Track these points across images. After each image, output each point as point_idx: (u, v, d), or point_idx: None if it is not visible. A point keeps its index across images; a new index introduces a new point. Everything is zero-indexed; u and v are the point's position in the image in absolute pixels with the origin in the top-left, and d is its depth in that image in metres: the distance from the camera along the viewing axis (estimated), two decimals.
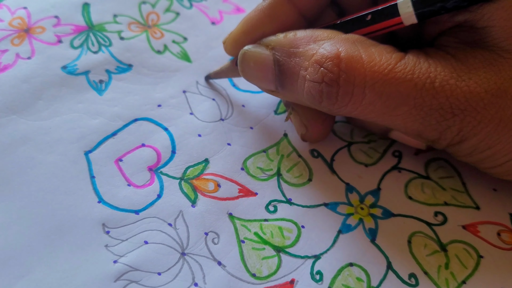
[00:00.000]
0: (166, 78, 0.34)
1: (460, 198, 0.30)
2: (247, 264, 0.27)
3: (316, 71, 0.26)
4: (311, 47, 0.27)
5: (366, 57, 0.26)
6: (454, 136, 0.26)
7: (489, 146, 0.26)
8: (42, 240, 0.27)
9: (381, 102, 0.25)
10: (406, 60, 0.26)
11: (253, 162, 0.31)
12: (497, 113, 0.25)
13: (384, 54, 0.26)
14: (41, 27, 0.35)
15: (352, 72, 0.25)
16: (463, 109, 0.25)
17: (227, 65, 0.33)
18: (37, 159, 0.29)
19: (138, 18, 0.37)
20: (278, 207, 0.30)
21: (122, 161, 0.30)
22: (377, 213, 0.30)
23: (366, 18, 0.28)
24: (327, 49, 0.26)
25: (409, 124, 0.26)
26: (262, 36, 0.30)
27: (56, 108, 0.32)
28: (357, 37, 0.27)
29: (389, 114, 0.26)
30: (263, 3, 0.30)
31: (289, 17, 0.30)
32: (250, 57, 0.29)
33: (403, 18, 0.26)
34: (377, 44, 0.27)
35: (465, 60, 0.25)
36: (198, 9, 0.39)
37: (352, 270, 0.27)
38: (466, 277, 0.28)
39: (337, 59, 0.26)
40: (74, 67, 0.33)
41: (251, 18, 0.30)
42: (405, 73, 0.25)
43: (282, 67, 0.28)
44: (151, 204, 0.29)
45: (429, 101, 0.25)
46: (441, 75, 0.25)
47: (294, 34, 0.28)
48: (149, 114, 0.33)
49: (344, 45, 0.26)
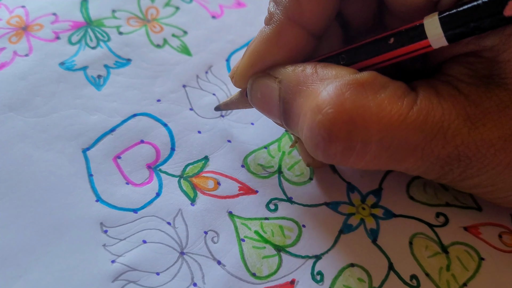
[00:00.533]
0: (165, 72, 0.34)
1: (462, 199, 0.30)
2: (247, 263, 0.27)
3: (314, 118, 0.23)
4: (315, 87, 0.24)
5: (375, 106, 0.23)
6: (456, 176, 0.25)
7: (491, 184, 0.25)
8: (40, 240, 0.27)
9: (387, 155, 0.23)
10: (419, 105, 0.23)
11: (253, 159, 0.31)
12: (506, 157, 0.23)
13: (395, 101, 0.23)
14: (39, 24, 0.35)
15: (358, 125, 0.23)
16: (471, 155, 0.23)
17: (236, 96, 0.30)
18: (35, 157, 0.29)
19: (137, 13, 0.37)
20: (279, 205, 0.29)
21: (121, 158, 0.30)
22: (379, 214, 0.29)
23: (389, 41, 0.24)
24: (330, 93, 0.23)
25: (411, 171, 0.25)
26: (272, 65, 0.27)
27: (54, 105, 0.31)
28: (366, 76, 0.24)
29: (393, 165, 0.24)
30: (268, 30, 0.27)
31: (297, 40, 0.27)
32: (258, 87, 0.27)
33: (431, 41, 0.23)
34: (388, 84, 0.24)
35: (479, 103, 0.23)
36: (198, 3, 0.38)
37: (353, 271, 0.27)
38: (467, 279, 0.27)
39: (340, 106, 0.23)
40: (72, 63, 0.33)
41: (258, 48, 0.27)
42: (418, 124, 0.23)
43: (286, 105, 0.25)
44: (149, 202, 0.29)
45: (437, 151, 0.23)
46: (454, 124, 0.23)
47: (303, 69, 0.25)
48: (148, 109, 0.32)
49: (350, 89, 0.23)
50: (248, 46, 0.27)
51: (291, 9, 0.26)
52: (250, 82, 0.28)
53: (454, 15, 0.22)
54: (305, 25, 0.26)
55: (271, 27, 0.26)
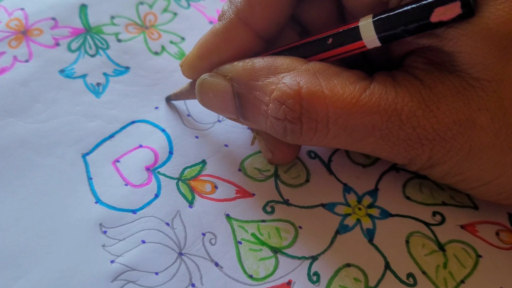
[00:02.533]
0: (163, 79, 0.34)
1: (458, 198, 0.30)
2: (244, 265, 0.27)
3: (277, 109, 0.25)
4: (270, 80, 0.26)
5: (328, 91, 0.25)
6: (424, 162, 0.26)
7: (460, 172, 0.26)
8: (40, 241, 0.27)
9: (346, 135, 0.25)
10: (372, 90, 0.25)
11: (250, 163, 0.31)
12: (466, 143, 0.24)
13: (347, 86, 0.25)
14: (38, 29, 0.35)
15: (314, 109, 0.25)
16: (431, 139, 0.24)
17: (186, 87, 0.31)
18: (35, 162, 0.30)
19: (135, 19, 0.37)
20: (275, 208, 0.30)
21: (120, 162, 0.30)
22: (375, 214, 0.30)
23: (327, 41, 0.26)
24: (287, 85, 0.25)
25: (377, 152, 0.26)
26: (219, 60, 0.28)
27: (54, 111, 0.32)
28: (318, 66, 0.26)
29: (356, 145, 0.26)
30: (218, 26, 0.28)
31: (245, 40, 0.28)
32: (209, 88, 0.28)
33: (365, 42, 0.25)
34: (341, 73, 0.25)
35: (433, 86, 0.24)
36: (196, 8, 0.39)
37: (349, 271, 0.27)
38: (465, 276, 0.27)
39: (298, 96, 0.25)
40: (72, 70, 0.34)
41: (206, 41, 0.28)
42: (370, 106, 0.24)
43: (242, 100, 0.27)
44: (148, 203, 0.29)
45: (396, 132, 0.24)
46: (408, 106, 0.24)
47: (252, 64, 0.27)
48: (147, 116, 0.33)
49: (304, 78, 0.25)
50: (199, 39, 0.29)
51: (242, 10, 0.28)
52: (198, 83, 0.28)
53: (387, 18, 0.24)
54: (254, 27, 0.28)
55: (221, 23, 0.28)
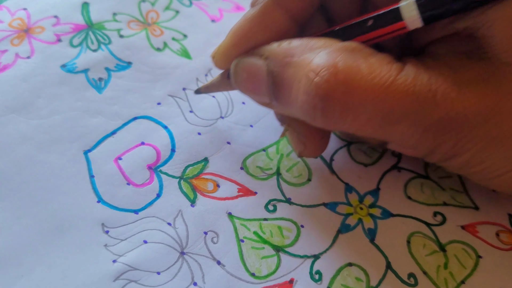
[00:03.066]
0: (165, 75, 0.34)
1: (459, 198, 0.30)
2: (247, 264, 0.27)
3: (310, 82, 0.24)
4: (306, 56, 0.25)
5: (366, 68, 0.24)
6: (448, 150, 0.25)
7: (481, 161, 0.25)
8: (42, 240, 0.27)
9: (381, 117, 0.24)
10: (406, 71, 0.24)
11: (252, 161, 0.31)
12: (492, 130, 0.24)
13: (384, 65, 0.24)
14: (40, 27, 0.35)
15: (352, 84, 0.23)
16: (460, 123, 0.24)
17: (217, 79, 0.31)
18: (37, 158, 0.29)
19: (137, 16, 0.37)
20: (277, 206, 0.30)
21: (122, 159, 0.30)
22: (376, 213, 0.30)
23: (367, 23, 0.25)
24: (323, 58, 0.24)
25: (405, 139, 0.25)
26: (254, 46, 0.27)
27: (56, 107, 0.32)
28: (355, 45, 0.25)
29: (388, 129, 0.24)
30: (252, 11, 0.28)
31: (280, 23, 0.28)
32: (243, 68, 0.27)
33: (407, 23, 0.24)
34: (376, 53, 0.25)
35: (462, 71, 0.24)
36: (198, 7, 0.39)
37: (351, 270, 0.28)
38: (465, 277, 0.28)
39: (334, 68, 0.23)
40: (73, 65, 0.33)
41: (241, 28, 0.28)
42: (406, 86, 0.23)
43: (276, 79, 0.26)
44: (150, 203, 0.29)
45: (429, 116, 0.24)
46: (442, 87, 0.23)
47: (288, 43, 0.26)
48: (149, 112, 0.32)
49: (341, 54, 0.24)
50: (232, 27, 0.28)
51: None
52: (234, 63, 0.28)
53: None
54: (289, 9, 0.27)
55: (256, 8, 0.27)
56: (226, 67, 0.29)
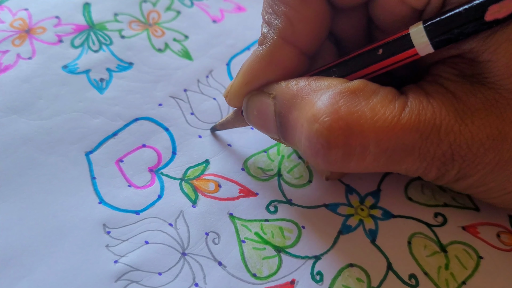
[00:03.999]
0: (167, 76, 0.34)
1: (459, 200, 0.30)
2: (248, 264, 0.27)
3: (311, 128, 0.24)
4: (309, 98, 0.25)
5: (369, 111, 0.23)
6: (452, 177, 0.25)
7: (484, 183, 0.25)
8: (43, 241, 0.27)
9: (386, 157, 0.24)
10: (410, 107, 0.24)
11: (253, 163, 0.31)
12: (495, 157, 0.24)
13: (387, 105, 0.24)
14: (42, 27, 0.35)
15: (355, 130, 0.23)
16: (463, 154, 0.24)
17: (232, 116, 0.31)
18: (38, 160, 0.29)
19: (139, 17, 0.37)
20: (278, 207, 0.30)
21: (123, 161, 0.30)
22: (377, 214, 0.30)
23: (377, 52, 0.25)
24: (325, 102, 0.24)
25: (411, 172, 0.25)
26: (266, 84, 0.27)
27: (57, 108, 0.32)
28: (357, 84, 0.24)
29: (394, 166, 0.25)
30: (261, 50, 0.27)
31: (290, 60, 0.27)
32: (254, 105, 0.27)
33: (418, 49, 0.24)
34: (379, 90, 0.25)
35: (466, 100, 0.24)
36: (199, 7, 0.39)
37: (352, 271, 0.28)
38: (466, 277, 0.28)
39: (336, 114, 0.23)
40: (75, 66, 0.33)
41: (252, 67, 0.27)
42: (411, 124, 0.23)
43: (282, 119, 0.26)
44: (151, 204, 0.29)
45: (433, 150, 0.24)
46: (445, 121, 0.23)
47: (296, 83, 0.26)
48: (150, 114, 0.33)
49: (343, 97, 0.24)
50: (242, 66, 0.28)
51: (284, 30, 0.27)
52: (245, 100, 0.28)
53: (438, 23, 0.23)
54: (297, 44, 0.27)
55: (264, 46, 0.27)
56: (239, 105, 0.29)
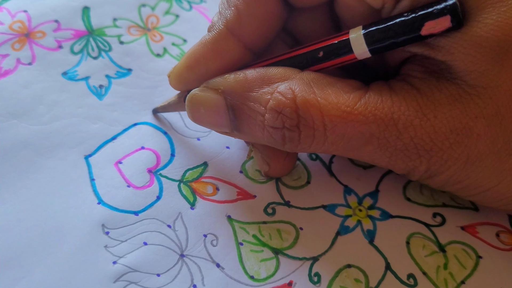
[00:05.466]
0: (165, 82, 0.34)
1: (458, 200, 0.30)
2: (246, 266, 0.27)
3: (275, 118, 0.25)
4: (265, 90, 0.26)
5: (322, 99, 0.25)
6: (422, 173, 0.26)
7: (459, 180, 0.25)
8: (42, 241, 0.27)
9: (344, 143, 0.25)
10: (367, 99, 0.24)
11: (251, 165, 0.31)
12: (463, 152, 0.24)
13: (341, 95, 0.25)
14: (41, 31, 0.35)
15: (310, 117, 0.25)
16: (429, 149, 0.24)
17: (174, 100, 0.31)
18: (38, 163, 0.30)
19: (137, 21, 0.37)
20: (276, 209, 0.30)
21: (122, 163, 0.30)
22: (375, 215, 0.30)
23: (318, 54, 0.26)
24: (282, 93, 0.25)
25: (376, 161, 0.26)
26: (207, 71, 0.28)
27: (57, 113, 0.32)
28: (312, 76, 0.26)
29: (354, 152, 0.26)
30: (207, 37, 0.28)
31: (234, 52, 0.28)
32: (200, 103, 0.27)
33: (356, 54, 0.25)
34: (335, 83, 0.25)
35: (430, 95, 0.24)
36: (198, 11, 0.39)
37: (350, 272, 0.27)
38: (465, 277, 0.28)
39: (294, 104, 0.25)
40: (75, 73, 0.34)
41: (195, 52, 0.28)
42: (365, 115, 0.24)
43: (236, 112, 0.26)
44: (150, 205, 0.29)
45: (393, 142, 0.24)
46: (404, 115, 0.24)
47: (244, 76, 0.26)
48: (149, 119, 0.33)
49: (299, 87, 0.25)
50: (188, 50, 0.29)
51: (231, 21, 0.27)
52: (189, 98, 0.28)
53: (376, 31, 0.24)
54: (242, 38, 0.28)
55: (211, 34, 0.28)
56: (180, 88, 0.30)
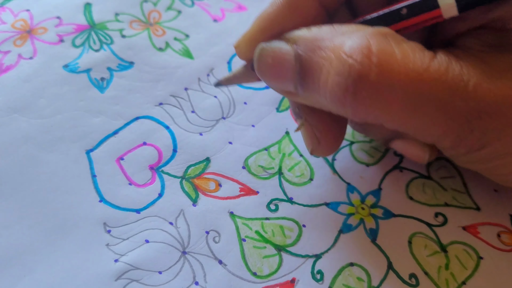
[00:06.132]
0: (167, 75, 0.34)
1: (460, 199, 0.30)
2: (248, 263, 0.27)
3: (342, 64, 0.23)
4: (338, 39, 0.24)
5: (400, 52, 0.23)
6: (475, 142, 0.24)
7: (505, 153, 0.24)
8: (44, 240, 0.27)
9: (412, 106, 0.23)
10: (439, 59, 0.23)
11: (254, 161, 0.31)
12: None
13: (417, 51, 0.23)
14: (43, 27, 0.35)
15: (386, 67, 0.23)
16: (491, 112, 0.23)
17: (240, 70, 0.29)
18: (39, 158, 0.30)
19: (139, 16, 0.37)
20: (279, 206, 0.30)
21: (124, 159, 0.30)
22: (378, 213, 0.30)
23: (401, 11, 0.25)
24: (356, 41, 0.23)
25: (430, 129, 0.24)
26: (282, 33, 0.26)
27: (58, 106, 0.32)
28: (387, 30, 0.24)
29: (415, 118, 0.24)
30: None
31: (309, 8, 0.26)
32: (268, 53, 0.26)
33: (443, 10, 0.24)
34: (407, 40, 0.24)
35: (494, 64, 0.23)
36: (200, 7, 0.39)
37: (352, 270, 0.28)
38: (466, 278, 0.28)
39: (368, 51, 0.23)
40: (76, 65, 0.34)
41: (268, 13, 0.26)
42: (439, 74, 0.23)
43: (304, 62, 0.24)
44: (152, 203, 0.29)
45: (459, 105, 0.23)
46: (474, 78, 0.23)
47: (319, 28, 0.25)
48: (151, 112, 0.33)
49: (374, 38, 0.23)
50: (258, 14, 0.27)
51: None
52: (258, 49, 0.26)
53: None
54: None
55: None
56: (251, 56, 0.27)
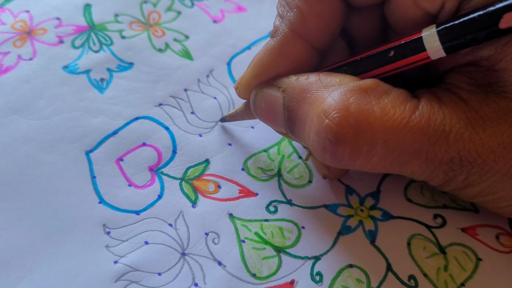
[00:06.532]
0: (167, 76, 0.34)
1: (459, 201, 0.30)
2: (248, 264, 0.28)
3: (320, 124, 0.24)
4: (320, 94, 0.25)
5: (379, 110, 0.23)
6: (459, 183, 0.25)
7: (492, 192, 0.25)
8: (43, 241, 0.27)
9: (392, 158, 0.24)
10: (421, 110, 0.24)
11: (253, 162, 0.31)
12: (505, 165, 0.24)
13: (398, 106, 0.24)
14: (43, 28, 0.35)
15: (364, 128, 0.23)
16: (472, 161, 0.24)
17: (241, 108, 0.31)
18: (38, 159, 0.30)
19: (139, 17, 0.37)
20: (278, 207, 0.30)
21: (123, 160, 0.30)
22: (377, 215, 0.30)
23: (389, 54, 0.25)
24: (335, 99, 0.24)
25: (416, 175, 0.25)
26: (276, 77, 0.27)
27: (57, 107, 0.32)
28: (369, 83, 0.24)
29: (399, 168, 0.25)
30: (272, 42, 0.27)
31: (301, 54, 0.27)
32: (262, 98, 0.27)
33: (429, 53, 0.24)
34: (390, 91, 0.24)
35: (479, 109, 0.24)
36: (200, 8, 0.39)
37: (351, 272, 0.28)
38: (465, 279, 0.28)
39: (346, 111, 0.23)
40: (75, 66, 0.33)
41: (262, 59, 0.27)
42: (420, 127, 0.23)
43: (291, 113, 0.26)
44: (151, 204, 0.29)
45: (440, 155, 0.24)
46: (455, 128, 0.23)
47: (306, 78, 0.26)
48: (150, 113, 0.33)
49: (355, 95, 0.24)
50: (253, 58, 0.28)
51: (296, 23, 0.27)
52: (254, 93, 0.28)
53: (451, 27, 0.23)
54: (309, 39, 0.27)
55: (276, 39, 0.27)
56: (248, 97, 0.29)
